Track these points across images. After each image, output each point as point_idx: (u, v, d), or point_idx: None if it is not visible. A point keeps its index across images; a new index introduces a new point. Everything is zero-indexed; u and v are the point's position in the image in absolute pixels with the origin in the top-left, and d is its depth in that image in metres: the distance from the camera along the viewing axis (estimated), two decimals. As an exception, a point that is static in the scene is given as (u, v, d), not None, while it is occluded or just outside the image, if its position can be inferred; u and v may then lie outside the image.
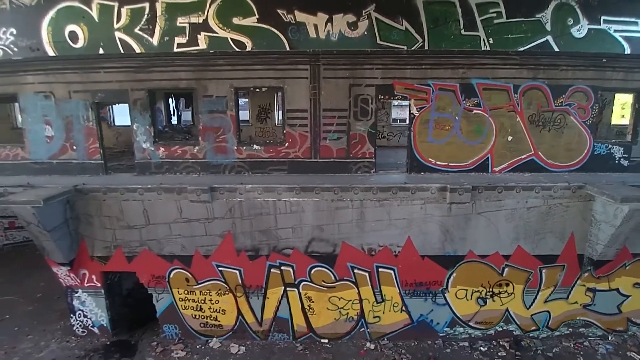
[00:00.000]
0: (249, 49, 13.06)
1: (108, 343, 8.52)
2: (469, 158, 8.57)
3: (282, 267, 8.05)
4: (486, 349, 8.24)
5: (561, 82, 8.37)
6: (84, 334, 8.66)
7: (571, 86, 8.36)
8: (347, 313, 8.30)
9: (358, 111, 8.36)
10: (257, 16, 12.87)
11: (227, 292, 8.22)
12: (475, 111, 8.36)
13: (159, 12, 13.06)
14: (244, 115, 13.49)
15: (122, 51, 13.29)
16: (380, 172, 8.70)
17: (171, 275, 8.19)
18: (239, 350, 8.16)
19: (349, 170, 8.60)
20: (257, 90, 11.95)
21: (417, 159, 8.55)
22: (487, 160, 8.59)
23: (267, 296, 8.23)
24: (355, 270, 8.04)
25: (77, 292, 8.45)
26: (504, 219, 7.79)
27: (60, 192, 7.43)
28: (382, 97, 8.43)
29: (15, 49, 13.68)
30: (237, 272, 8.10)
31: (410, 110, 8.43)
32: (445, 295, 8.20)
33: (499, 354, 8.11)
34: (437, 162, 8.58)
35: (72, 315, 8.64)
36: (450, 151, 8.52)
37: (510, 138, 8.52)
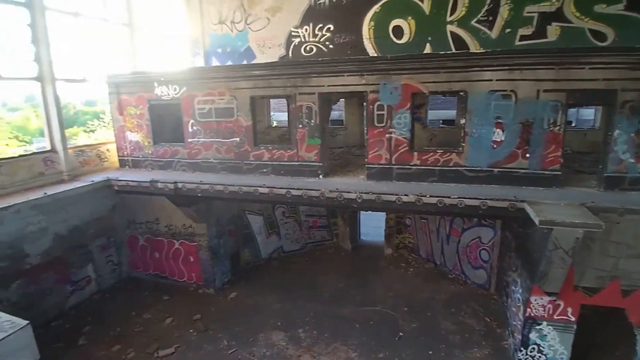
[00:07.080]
0: (609, 41, 11.15)
1: (568, 385, 7.29)
2: None
3: None
4: None
5: None
6: (534, 370, 7.53)
7: None
8: None
9: None
10: (624, 3, 10.92)
11: None
12: None
13: (502, 2, 11.64)
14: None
15: (452, 47, 12.15)
16: None
17: (677, 317, 6.69)
18: None
19: None
20: None
21: None
22: None
23: None
24: None
25: (539, 325, 7.30)
26: None
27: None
28: None
29: (331, 46, 13.17)
30: None
31: None
32: None
33: None
34: None
35: (522, 349, 7.53)
36: None
37: None
